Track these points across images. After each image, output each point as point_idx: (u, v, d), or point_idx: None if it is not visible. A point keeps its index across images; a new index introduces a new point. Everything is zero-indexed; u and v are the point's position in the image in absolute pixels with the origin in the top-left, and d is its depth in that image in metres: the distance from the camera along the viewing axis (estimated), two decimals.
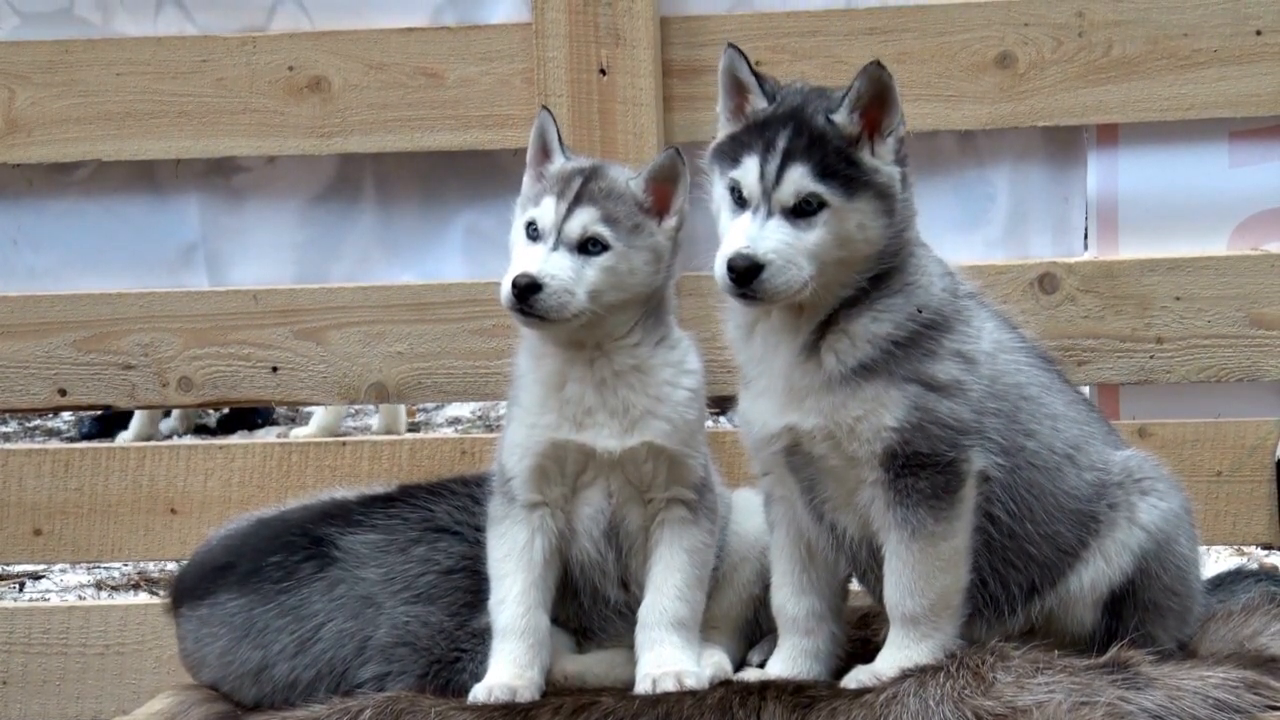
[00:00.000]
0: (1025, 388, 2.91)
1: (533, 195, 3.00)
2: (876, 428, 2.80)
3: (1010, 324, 3.01)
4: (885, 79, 2.78)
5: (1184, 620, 2.98)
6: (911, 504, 2.80)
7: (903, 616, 2.84)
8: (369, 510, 3.14)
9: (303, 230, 3.92)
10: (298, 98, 3.79)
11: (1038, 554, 2.89)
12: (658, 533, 3.01)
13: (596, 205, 2.93)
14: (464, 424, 8.11)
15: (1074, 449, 2.93)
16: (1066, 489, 2.90)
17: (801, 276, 2.72)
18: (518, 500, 2.99)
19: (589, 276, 2.90)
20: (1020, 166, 3.78)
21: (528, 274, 2.87)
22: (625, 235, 2.94)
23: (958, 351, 2.84)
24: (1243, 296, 3.65)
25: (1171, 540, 2.94)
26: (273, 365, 3.83)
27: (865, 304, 2.81)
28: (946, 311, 2.85)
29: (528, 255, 2.91)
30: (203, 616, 3.13)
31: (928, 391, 2.80)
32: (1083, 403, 3.05)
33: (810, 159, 2.74)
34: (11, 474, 3.87)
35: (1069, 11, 3.64)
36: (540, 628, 2.95)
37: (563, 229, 2.91)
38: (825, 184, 2.75)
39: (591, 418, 2.96)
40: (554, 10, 3.68)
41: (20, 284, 3.93)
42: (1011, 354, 2.92)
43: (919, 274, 2.85)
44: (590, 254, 2.92)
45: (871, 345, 2.81)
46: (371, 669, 3.01)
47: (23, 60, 3.83)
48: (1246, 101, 3.63)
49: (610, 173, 3.01)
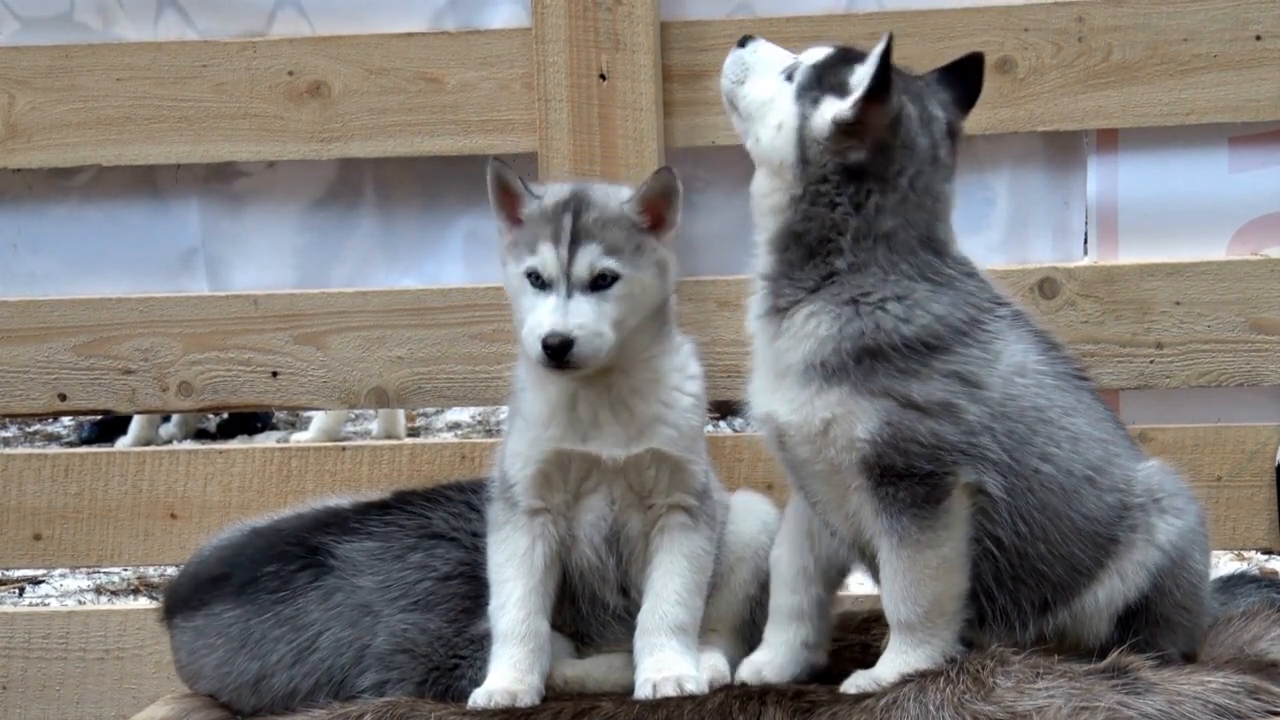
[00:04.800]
0: (1046, 410, 2.86)
1: (523, 242, 2.93)
2: (849, 437, 2.78)
3: (1050, 343, 2.95)
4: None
5: (1193, 634, 2.97)
6: (895, 512, 2.79)
7: (899, 623, 2.83)
8: (365, 518, 3.14)
9: (303, 235, 3.92)
10: (298, 103, 3.79)
11: (1051, 573, 2.86)
12: (658, 539, 3.01)
13: (596, 239, 2.88)
14: (464, 429, 8.10)
15: (1094, 471, 2.89)
16: (1084, 512, 2.87)
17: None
18: (519, 506, 2.99)
19: (609, 312, 2.87)
20: (1020, 171, 3.77)
21: (557, 333, 2.83)
22: (631, 259, 2.90)
23: (955, 373, 2.79)
24: (1243, 301, 3.64)
25: (1187, 557, 2.91)
26: (273, 370, 3.83)
27: (809, 299, 2.81)
28: (944, 337, 2.82)
29: (544, 309, 2.86)
30: (198, 628, 3.13)
31: (904, 409, 2.76)
32: (1111, 420, 3.00)
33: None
34: (11, 479, 3.86)
35: (1069, 17, 3.64)
36: (540, 633, 2.95)
37: (570, 273, 2.87)
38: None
39: (599, 430, 2.96)
40: (554, 15, 3.68)
41: (20, 289, 3.93)
42: (1034, 376, 2.87)
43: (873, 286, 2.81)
44: (603, 288, 2.88)
45: (817, 343, 2.80)
46: (370, 677, 3.01)
47: (23, 65, 3.83)
48: (1246, 107, 3.63)
49: (596, 198, 2.95)
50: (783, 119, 2.83)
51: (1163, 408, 3.74)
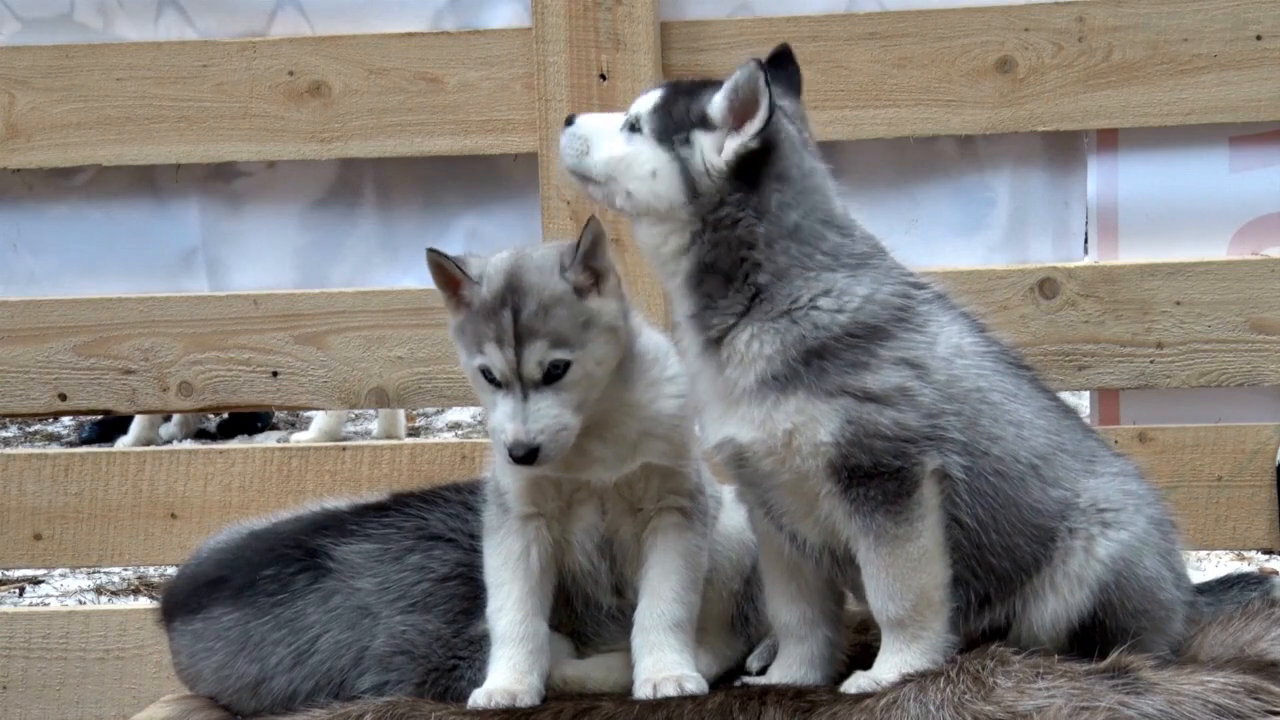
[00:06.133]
0: (988, 393, 2.85)
1: (469, 334, 2.87)
2: (813, 443, 2.77)
3: (979, 326, 2.94)
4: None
5: (1162, 630, 2.93)
6: (868, 511, 2.78)
7: (888, 621, 2.83)
8: (362, 520, 3.13)
9: (303, 235, 3.93)
10: (298, 103, 3.79)
11: (998, 565, 2.84)
12: (651, 538, 3.00)
13: (539, 335, 2.81)
14: (464, 429, 8.10)
15: (1040, 459, 2.86)
16: (1030, 501, 2.85)
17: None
18: (512, 512, 2.99)
19: (569, 400, 2.83)
20: (1020, 171, 3.78)
21: (520, 443, 2.79)
22: (579, 341, 2.83)
23: (902, 359, 2.79)
24: (1243, 301, 3.65)
25: (1132, 566, 2.87)
26: (273, 370, 3.84)
27: (744, 322, 2.81)
28: (883, 320, 2.81)
29: (503, 413, 2.81)
30: (197, 631, 3.12)
31: (862, 403, 2.76)
32: (1057, 411, 2.96)
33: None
34: (11, 478, 3.87)
35: (1069, 17, 3.65)
36: (538, 634, 2.95)
37: (521, 374, 2.81)
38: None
39: (586, 455, 2.94)
40: (554, 15, 3.68)
41: (20, 289, 3.94)
42: (973, 358, 2.86)
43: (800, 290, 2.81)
44: (557, 378, 2.82)
45: (766, 361, 2.79)
46: (369, 679, 3.00)
47: (23, 65, 3.83)
48: (1247, 106, 3.63)
49: (532, 283, 2.84)
50: (655, 166, 2.83)
51: (1163, 408, 3.74)
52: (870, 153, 3.79)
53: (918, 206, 3.81)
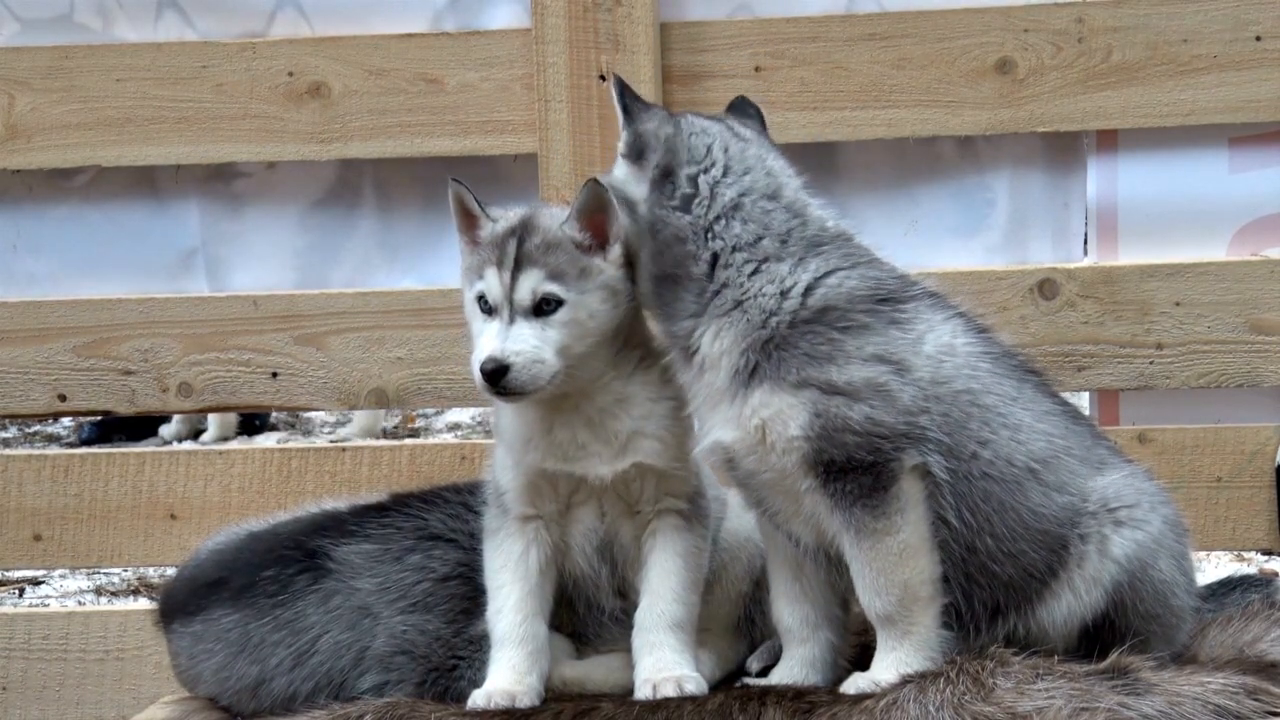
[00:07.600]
0: (980, 395, 2.84)
1: (473, 267, 2.93)
2: (785, 438, 2.78)
3: (979, 328, 2.94)
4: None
5: (1170, 638, 2.93)
6: (847, 505, 2.78)
7: (878, 618, 2.83)
8: (362, 520, 3.13)
9: (303, 236, 3.93)
10: (298, 103, 3.79)
11: (1001, 572, 2.84)
12: (650, 540, 3.00)
13: (538, 264, 2.86)
14: (464, 429, 8.11)
15: (1039, 464, 2.85)
16: (1030, 506, 2.84)
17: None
18: (511, 513, 2.99)
19: (553, 337, 2.85)
20: (1020, 172, 3.78)
21: (493, 358, 2.81)
22: (575, 283, 2.87)
23: (876, 355, 2.78)
24: (1243, 302, 3.65)
25: (1147, 568, 2.87)
26: (272, 371, 3.84)
27: (704, 322, 2.84)
28: (859, 314, 2.81)
29: (488, 335, 2.86)
30: (196, 633, 3.12)
31: (829, 396, 2.76)
32: (1064, 416, 2.95)
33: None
34: (11, 479, 3.87)
35: (1069, 17, 3.65)
36: (538, 635, 2.95)
37: (513, 298, 2.85)
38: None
39: (582, 449, 2.95)
40: (554, 16, 3.68)
41: (20, 289, 3.94)
42: (965, 359, 2.85)
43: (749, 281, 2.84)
44: (547, 314, 2.85)
45: (729, 356, 2.81)
46: (370, 679, 3.01)
47: (23, 66, 3.83)
48: (1246, 107, 3.63)
49: (542, 222, 2.92)
50: None
51: (1163, 408, 3.74)
52: (870, 153, 3.79)
53: (917, 207, 3.81)
